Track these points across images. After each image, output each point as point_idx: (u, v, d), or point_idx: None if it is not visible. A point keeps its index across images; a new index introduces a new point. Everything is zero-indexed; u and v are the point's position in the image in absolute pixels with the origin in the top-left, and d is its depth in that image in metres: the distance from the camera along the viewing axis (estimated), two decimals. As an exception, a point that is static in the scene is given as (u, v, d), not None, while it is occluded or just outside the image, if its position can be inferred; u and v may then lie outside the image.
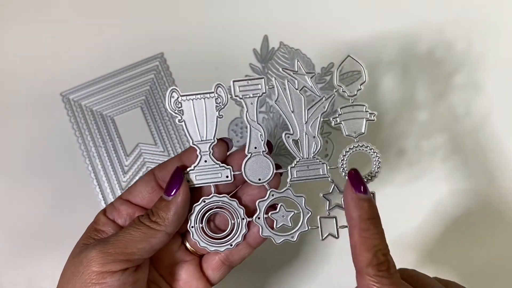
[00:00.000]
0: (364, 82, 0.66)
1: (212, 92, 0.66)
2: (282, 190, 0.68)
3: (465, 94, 0.93)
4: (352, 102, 0.67)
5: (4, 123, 0.94)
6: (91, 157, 0.94)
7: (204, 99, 0.66)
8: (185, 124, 0.66)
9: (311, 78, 0.66)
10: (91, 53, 0.96)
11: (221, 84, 0.65)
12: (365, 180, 0.68)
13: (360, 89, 0.66)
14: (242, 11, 0.97)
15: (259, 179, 0.67)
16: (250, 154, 0.67)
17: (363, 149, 0.67)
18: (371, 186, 0.67)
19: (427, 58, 0.93)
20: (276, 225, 0.68)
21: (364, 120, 0.67)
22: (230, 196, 0.68)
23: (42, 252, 0.91)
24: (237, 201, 0.68)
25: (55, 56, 0.96)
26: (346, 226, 0.66)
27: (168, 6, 0.97)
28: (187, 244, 0.71)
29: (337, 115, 0.67)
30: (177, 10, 0.97)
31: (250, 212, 0.69)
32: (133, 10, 0.97)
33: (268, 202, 0.68)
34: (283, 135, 0.67)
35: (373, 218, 0.61)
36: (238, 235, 0.68)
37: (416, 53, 0.94)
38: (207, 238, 0.68)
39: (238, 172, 0.67)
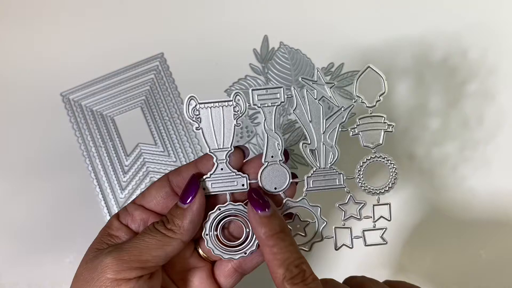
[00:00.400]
0: (384, 93, 0.65)
1: (231, 101, 0.64)
2: (298, 200, 0.67)
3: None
4: (370, 113, 0.65)
5: (4, 123, 0.93)
6: (91, 157, 0.92)
7: (222, 107, 0.64)
8: (202, 132, 0.65)
9: (330, 88, 0.64)
10: (91, 53, 0.95)
11: (239, 93, 0.64)
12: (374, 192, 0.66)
13: (380, 100, 0.65)
14: (242, 11, 0.96)
15: (275, 188, 0.66)
16: (267, 163, 0.66)
17: (380, 160, 0.66)
18: (386, 197, 0.67)
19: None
20: None
21: (382, 131, 0.65)
22: (245, 204, 0.66)
23: (42, 252, 0.90)
24: None
25: (55, 56, 0.95)
26: (361, 237, 0.67)
27: (168, 6, 0.96)
28: (200, 250, 0.70)
29: (355, 126, 0.65)
30: (177, 10, 0.95)
31: None
32: (133, 10, 0.96)
33: (283, 211, 0.67)
34: (301, 144, 0.65)
35: (279, 232, 0.60)
36: (253, 243, 0.66)
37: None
38: (221, 245, 0.67)
39: (254, 181, 0.66)
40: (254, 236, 0.66)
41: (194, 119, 0.65)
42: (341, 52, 0.93)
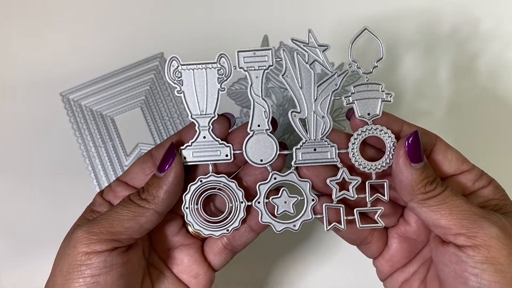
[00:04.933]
0: (381, 58, 0.56)
1: (215, 63, 0.55)
2: (286, 174, 0.58)
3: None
4: (367, 81, 0.55)
5: (4, 123, 0.86)
6: (91, 157, 0.86)
7: (205, 69, 0.56)
8: (184, 96, 0.57)
9: (323, 51, 0.55)
10: (91, 53, 0.88)
11: (224, 54, 0.56)
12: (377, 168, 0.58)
13: (376, 66, 0.56)
14: (242, 11, 0.89)
15: (261, 160, 0.57)
16: (252, 132, 0.57)
17: (377, 133, 0.56)
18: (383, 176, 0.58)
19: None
20: (277, 212, 0.58)
21: (380, 100, 0.56)
22: (231, 178, 0.58)
23: (42, 253, 0.82)
24: (236, 182, 0.58)
25: (55, 56, 0.88)
26: (353, 217, 0.58)
27: (168, 6, 0.89)
28: (189, 227, 0.62)
29: (349, 94, 0.55)
30: (177, 10, 0.89)
31: (252, 195, 0.59)
32: (133, 10, 0.89)
33: (269, 185, 0.58)
34: (290, 113, 0.56)
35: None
36: (235, 219, 0.58)
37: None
38: (202, 220, 0.58)
39: (239, 151, 0.57)
40: (238, 212, 0.58)
41: (175, 81, 0.56)
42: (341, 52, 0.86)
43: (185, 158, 0.57)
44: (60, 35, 0.89)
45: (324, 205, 0.58)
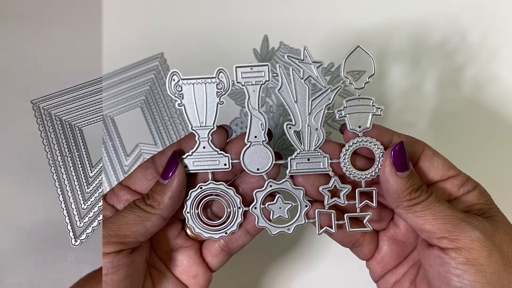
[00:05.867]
0: (373, 74, 0.60)
1: (214, 77, 0.59)
2: (281, 182, 0.62)
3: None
4: (358, 95, 0.59)
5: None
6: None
7: (205, 84, 0.60)
8: (184, 109, 0.60)
9: (317, 67, 0.59)
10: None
11: (223, 70, 0.59)
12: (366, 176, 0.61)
13: (368, 81, 0.60)
14: (242, 11, 0.91)
15: (258, 169, 0.61)
16: (249, 143, 0.61)
17: (367, 144, 0.60)
18: (372, 184, 0.62)
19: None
20: (272, 217, 0.62)
21: (370, 114, 0.60)
22: (228, 185, 0.62)
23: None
24: (234, 189, 0.62)
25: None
26: (344, 222, 0.62)
27: (168, 6, 0.91)
28: (188, 230, 0.66)
29: (342, 108, 0.59)
30: (177, 10, 0.91)
31: (248, 201, 0.63)
32: (133, 10, 0.92)
33: (265, 192, 0.62)
34: (285, 125, 0.60)
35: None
36: (234, 223, 0.63)
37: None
38: (202, 224, 0.63)
39: (237, 161, 0.61)
40: (235, 217, 0.62)
41: (176, 95, 0.60)
42: (341, 53, 0.88)
43: (186, 166, 0.61)
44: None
45: (316, 211, 0.62)
